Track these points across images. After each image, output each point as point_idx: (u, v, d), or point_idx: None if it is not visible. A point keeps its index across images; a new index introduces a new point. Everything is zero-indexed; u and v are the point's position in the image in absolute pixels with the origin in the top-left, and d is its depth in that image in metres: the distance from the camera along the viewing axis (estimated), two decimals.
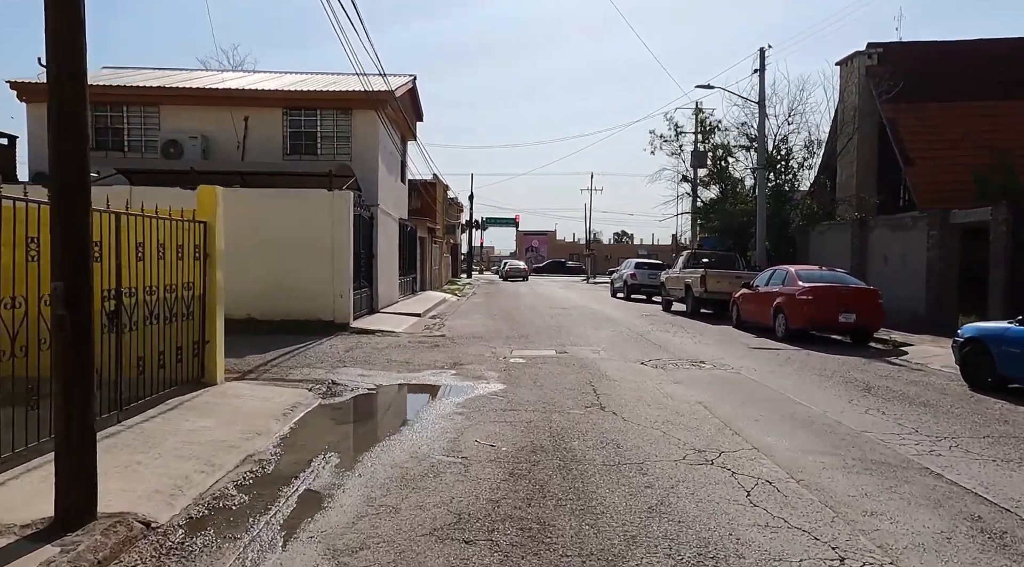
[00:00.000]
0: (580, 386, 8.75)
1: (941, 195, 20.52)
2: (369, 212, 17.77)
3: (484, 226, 79.16)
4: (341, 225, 14.44)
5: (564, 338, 14.12)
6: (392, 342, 12.96)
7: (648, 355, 11.73)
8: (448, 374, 9.59)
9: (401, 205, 23.24)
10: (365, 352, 11.50)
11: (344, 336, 13.48)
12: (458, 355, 11.42)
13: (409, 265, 25.56)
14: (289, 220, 14.43)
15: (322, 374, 9.25)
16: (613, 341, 13.76)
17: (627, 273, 29.61)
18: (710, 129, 29.28)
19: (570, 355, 11.59)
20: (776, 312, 14.71)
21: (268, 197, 14.61)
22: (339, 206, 14.44)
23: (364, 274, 17.08)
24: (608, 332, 15.53)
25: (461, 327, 16.20)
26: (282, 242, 14.41)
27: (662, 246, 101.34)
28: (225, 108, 17.52)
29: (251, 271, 14.35)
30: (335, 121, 18.13)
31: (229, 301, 14.86)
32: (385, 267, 19.45)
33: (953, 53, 24.76)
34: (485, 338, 13.95)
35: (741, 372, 10.08)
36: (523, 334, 14.71)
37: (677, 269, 22.50)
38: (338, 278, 14.44)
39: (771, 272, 16.07)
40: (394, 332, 14.47)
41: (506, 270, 54.79)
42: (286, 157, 17.90)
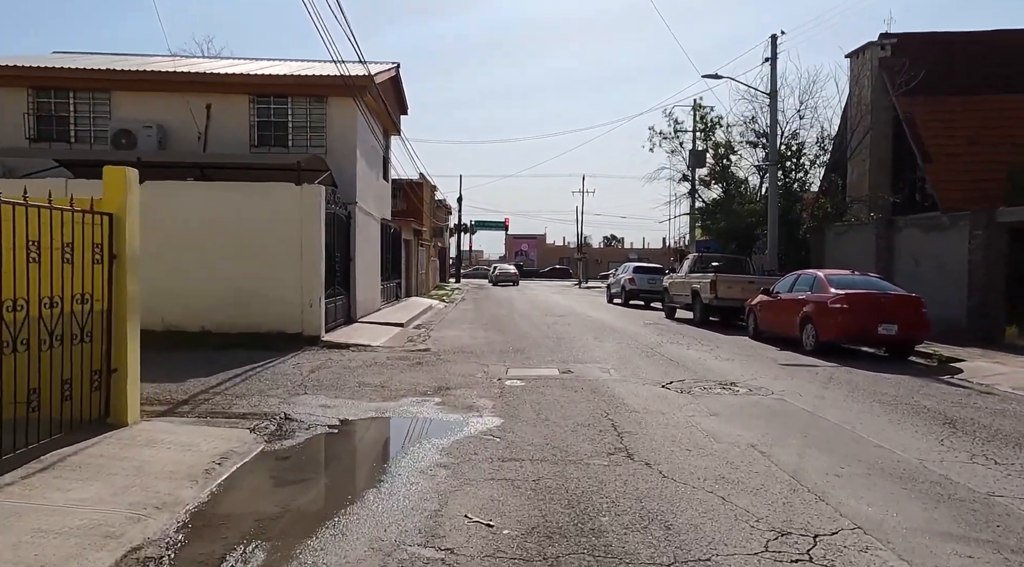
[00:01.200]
0: (595, 420, 7.02)
1: (965, 193, 19.03)
2: (346, 210, 15.98)
3: (473, 229, 77.55)
4: (311, 223, 12.65)
5: (565, 352, 12.39)
6: (368, 359, 11.18)
7: (667, 375, 10.02)
8: (431, 403, 7.83)
9: (383, 205, 21.46)
10: (334, 373, 9.71)
11: (313, 352, 11.68)
12: (444, 376, 9.65)
13: (393, 269, 23.76)
14: (251, 218, 12.63)
15: (274, 405, 7.46)
16: (622, 356, 12.04)
17: (625, 278, 27.97)
18: (711, 126, 27.74)
19: (576, 375, 9.86)
20: (804, 322, 13.05)
21: (226, 191, 12.80)
22: (309, 202, 12.65)
23: (340, 279, 15.28)
24: (613, 344, 13.82)
25: (448, 339, 14.43)
26: (242, 243, 12.60)
27: (653, 250, 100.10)
28: (185, 95, 15.68)
29: (206, 277, 12.55)
30: (308, 110, 16.33)
31: (179, 312, 13.02)
32: (364, 271, 17.65)
33: (971, 44, 23.33)
34: (475, 353, 12.19)
35: (784, 398, 8.39)
36: (518, 347, 12.97)
37: (682, 274, 20.84)
38: (307, 284, 12.65)
39: (795, 277, 14.42)
40: (371, 346, 12.68)
41: (496, 274, 53.08)
42: (253, 149, 16.07)
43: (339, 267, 15.08)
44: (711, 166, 28.73)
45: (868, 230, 18.29)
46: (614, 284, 29.85)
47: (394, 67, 19.67)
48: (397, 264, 24.70)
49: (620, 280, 28.63)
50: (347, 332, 14.22)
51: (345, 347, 12.33)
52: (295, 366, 10.15)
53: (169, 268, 12.41)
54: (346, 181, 16.29)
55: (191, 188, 12.88)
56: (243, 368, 9.71)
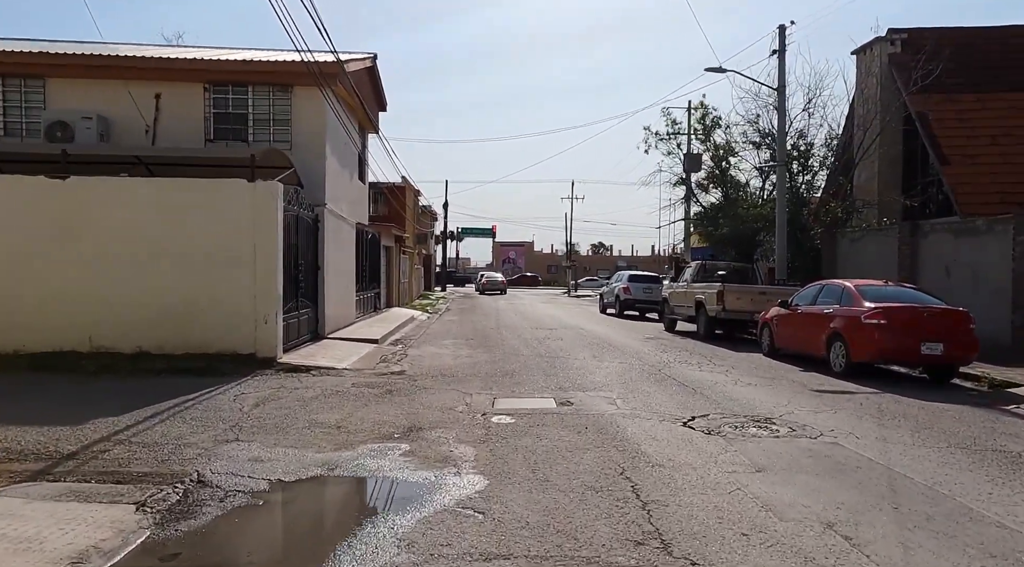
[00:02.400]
0: (609, 480, 5.34)
1: (986, 197, 17.64)
2: (313, 213, 14.25)
3: (460, 236, 75.99)
4: (266, 226, 10.90)
5: (561, 375, 10.71)
6: (329, 386, 9.43)
7: (685, 407, 8.36)
8: (396, 453, 6.11)
9: (359, 208, 19.73)
10: (283, 407, 7.96)
11: (264, 377, 9.91)
12: (418, 410, 7.93)
13: (371, 278, 22.01)
14: (196, 219, 10.87)
15: (189, 459, 5.71)
16: (627, 380, 10.38)
17: (620, 287, 26.37)
18: (711, 126, 26.23)
19: (577, 408, 8.17)
20: (832, 340, 11.45)
21: (167, 189, 11.04)
22: (263, 202, 10.91)
23: (305, 291, 13.53)
24: (615, 364, 12.15)
25: (428, 359, 12.70)
26: (186, 249, 10.85)
27: (642, 257, 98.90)
28: (130, 83, 13.90)
29: (144, 288, 10.79)
30: (271, 101, 14.60)
31: (110, 329, 11.10)
32: (336, 281, 15.90)
33: (985, 39, 22.03)
34: (458, 377, 10.48)
35: (839, 441, 6.74)
36: (507, 370, 11.27)
37: (684, 283, 19.25)
38: (262, 297, 10.89)
39: (818, 288, 12.84)
40: (336, 369, 10.92)
41: (483, 283, 51.38)
42: (209, 144, 14.33)
43: (304, 277, 13.33)
44: (709, 169, 27.23)
45: (889, 236, 16.78)
46: (607, 293, 28.25)
47: (370, 58, 17.99)
48: (375, 272, 22.96)
49: (614, 289, 27.02)
50: (311, 351, 12.46)
51: (305, 371, 10.57)
52: (237, 398, 8.38)
53: (99, 277, 10.65)
54: (314, 180, 14.57)
55: (126, 185, 11.10)
56: (170, 402, 7.94)
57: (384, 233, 24.99)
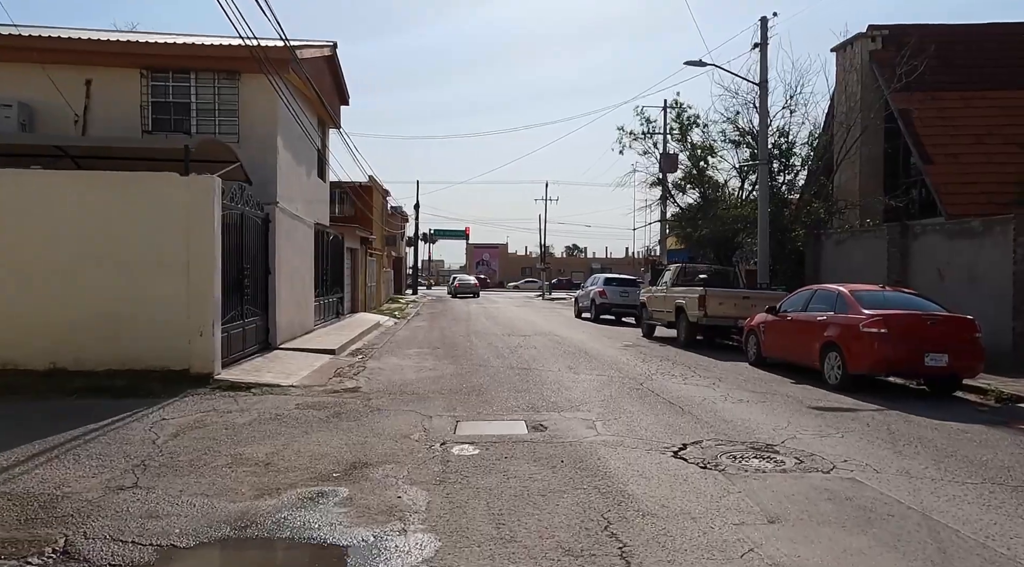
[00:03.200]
0: (591, 543, 4.28)
1: (972, 197, 17.07)
2: (263, 212, 13.02)
3: (433, 239, 74.72)
4: (202, 226, 9.67)
5: (534, 392, 9.66)
6: (268, 409, 8.25)
7: (673, 430, 7.36)
8: (331, 502, 4.99)
9: (319, 208, 18.48)
10: (207, 437, 6.78)
11: (196, 398, 8.69)
12: (365, 440, 6.81)
13: (333, 282, 20.75)
14: (120, 217, 9.61)
15: (64, 515, 4.53)
16: (607, 397, 9.35)
17: (595, 291, 25.43)
18: (687, 125, 25.44)
19: (551, 434, 7.12)
20: (826, 350, 10.57)
21: (86, 184, 9.75)
22: (198, 198, 9.68)
23: (253, 298, 12.30)
24: (593, 377, 11.14)
25: (387, 372, 11.55)
26: (109, 252, 9.58)
27: (616, 259, 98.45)
28: (57, 68, 12.56)
29: (59, 296, 9.51)
30: (216, 89, 13.34)
31: (18, 342, 9.79)
32: (290, 286, 14.67)
33: (969, 36, 21.53)
34: (419, 394, 9.37)
35: (856, 476, 5.77)
36: (474, 385, 10.18)
37: (663, 287, 18.34)
38: (196, 305, 9.66)
39: (809, 293, 11.97)
40: (281, 386, 9.72)
41: (455, 286, 50.20)
42: (147, 135, 13.02)
43: (251, 282, 12.10)
44: (686, 169, 26.45)
45: (877, 237, 16.04)
46: (583, 297, 27.30)
47: (328, 46, 16.79)
48: (338, 276, 21.69)
49: (589, 293, 26.08)
50: (257, 365, 11.24)
51: (245, 389, 9.36)
52: (154, 426, 7.17)
53: (6, 283, 9.34)
54: (264, 176, 13.35)
55: (40, 180, 9.78)
56: (71, 433, 6.70)
57: (348, 234, 23.73)
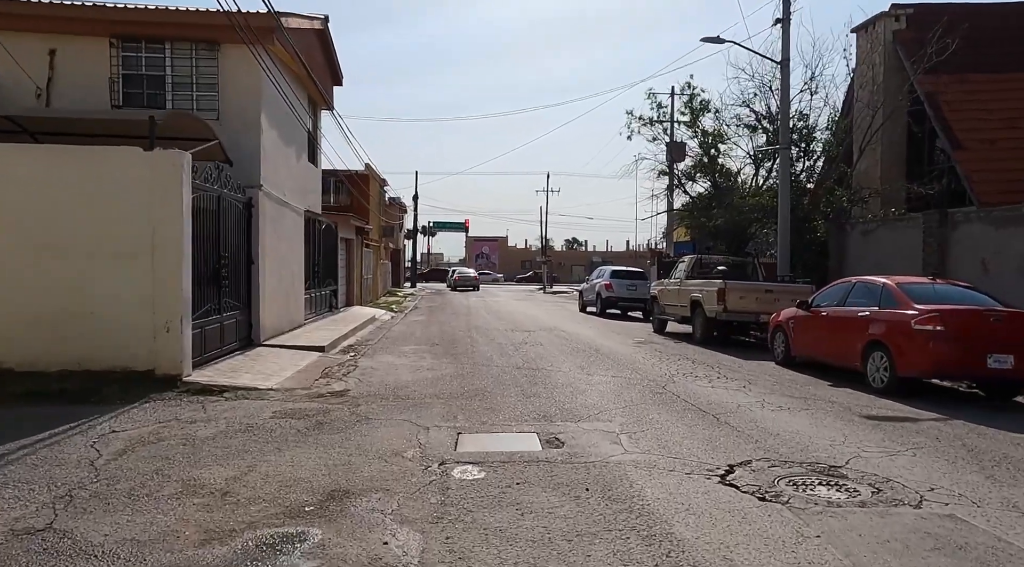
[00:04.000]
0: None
1: (1006, 185, 15.94)
2: (245, 196, 11.88)
3: (432, 231, 73.61)
4: (168, 208, 8.52)
5: (545, 395, 8.54)
6: (240, 418, 7.12)
7: (715, 446, 6.24)
8: (297, 552, 3.86)
9: (310, 194, 17.31)
10: (159, 455, 5.66)
11: (158, 404, 7.56)
12: (349, 459, 5.69)
13: (326, 274, 19.61)
14: (73, 199, 8.47)
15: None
16: (628, 402, 8.24)
17: (601, 284, 24.31)
18: (699, 109, 24.26)
19: (570, 451, 6.00)
20: (870, 349, 9.45)
21: (35, 160, 8.59)
22: (164, 175, 8.53)
23: (233, 290, 11.18)
24: (608, 378, 10.03)
25: (381, 372, 10.43)
26: (63, 238, 8.44)
27: (616, 252, 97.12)
28: (16, 35, 11.39)
29: (6, 289, 8.37)
30: (193, 61, 12.16)
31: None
32: (277, 278, 13.53)
33: (998, 16, 20.37)
34: (414, 399, 8.25)
35: (954, 509, 4.66)
36: (477, 388, 9.07)
37: (676, 280, 17.21)
38: (163, 298, 8.52)
39: (847, 286, 10.84)
40: (259, 390, 8.59)
41: (455, 279, 49.04)
42: (116, 110, 11.85)
43: (230, 272, 10.97)
44: (697, 157, 25.30)
45: (910, 226, 14.92)
46: (588, 291, 26.19)
47: (320, 19, 15.60)
48: (332, 267, 20.55)
49: (595, 286, 24.96)
50: (235, 365, 10.11)
51: (217, 393, 8.24)
52: (98, 441, 6.04)
53: None
54: (247, 158, 12.19)
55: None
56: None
57: (343, 224, 22.57)
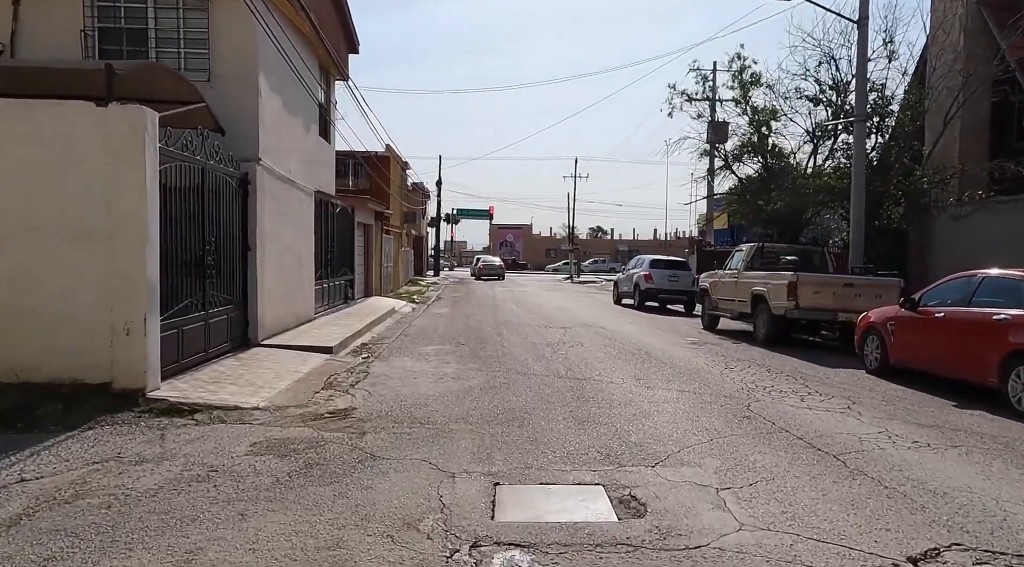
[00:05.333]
0: None
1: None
2: (238, 170, 10.13)
3: (456, 219, 71.80)
4: (128, 177, 6.75)
5: (602, 420, 6.67)
6: (203, 456, 5.35)
7: (867, 517, 4.31)
8: None
9: (321, 172, 15.54)
10: (59, 530, 3.89)
11: (104, 432, 5.83)
12: (340, 537, 3.85)
13: (340, 262, 17.89)
14: (6, 166, 6.74)
15: None
16: (712, 432, 6.32)
17: (640, 274, 22.29)
18: (749, 83, 22.01)
19: (657, 523, 4.11)
20: (1015, 362, 7.42)
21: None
22: (122, 137, 6.75)
23: (224, 281, 9.45)
24: (673, 393, 8.11)
25: (396, 383, 8.62)
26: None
27: (643, 241, 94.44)
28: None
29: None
30: (180, 13, 10.40)
31: None
32: (279, 267, 11.78)
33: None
34: (436, 423, 6.43)
35: None
36: (514, 406, 7.21)
37: (732, 271, 15.17)
38: (122, 292, 6.78)
39: (971, 282, 8.73)
40: (241, 409, 6.81)
41: (479, 267, 47.20)
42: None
43: (218, 260, 9.24)
44: (744, 136, 23.07)
45: (1018, 208, 12.69)
46: (624, 281, 24.19)
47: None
48: (347, 255, 18.82)
49: (632, 277, 22.95)
50: (221, 372, 8.37)
51: (187, 413, 6.49)
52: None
53: None
54: (242, 126, 10.43)
55: None
56: None
57: (360, 208, 20.82)
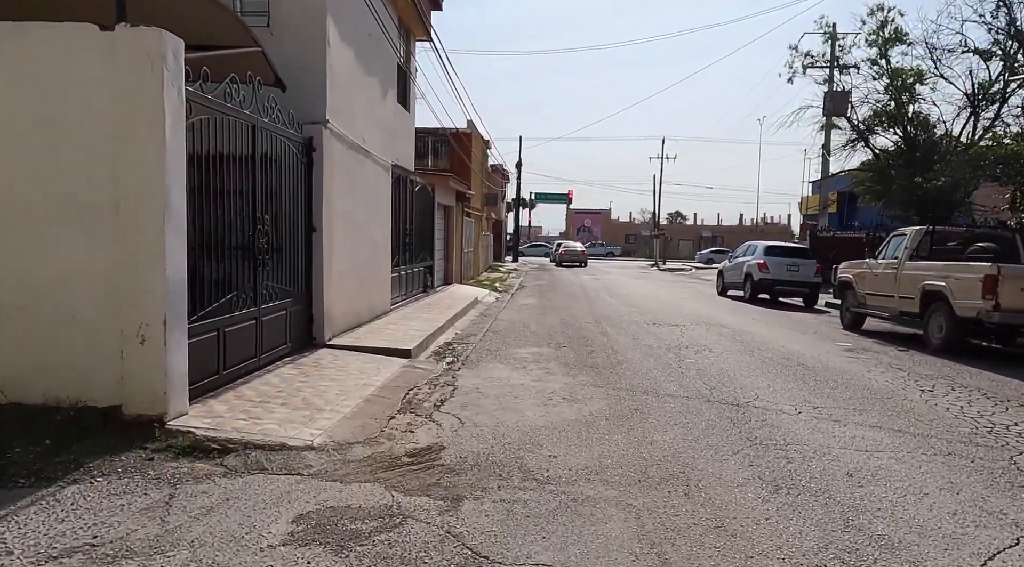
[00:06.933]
0: None
1: None
2: (301, 134, 8.32)
3: (532, 203, 69.63)
4: (140, 127, 4.96)
5: (800, 479, 4.43)
6: (222, 543, 3.46)
7: None
8: None
9: (400, 145, 13.69)
10: None
11: (91, 493, 4.04)
12: None
13: (420, 247, 16.11)
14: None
15: None
16: (1001, 518, 4.00)
17: (752, 263, 19.57)
18: (888, 40, 18.81)
19: None
20: None
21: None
22: (132, 71, 4.95)
23: (282, 268, 7.69)
24: (880, 435, 5.76)
25: (491, 403, 6.60)
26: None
27: (728, 227, 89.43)
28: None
29: None
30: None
31: None
32: (351, 251, 9.99)
33: None
34: (558, 483, 4.36)
35: None
36: (659, 452, 5.06)
37: (891, 261, 12.40)
38: (132, 287, 5.02)
39: None
40: (289, 447, 4.92)
41: (559, 253, 44.99)
42: None
43: (273, 242, 7.47)
44: (877, 105, 19.86)
45: None
46: (730, 270, 21.49)
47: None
48: (427, 239, 17.04)
49: (743, 265, 20.24)
50: (273, 386, 6.58)
51: (216, 456, 4.66)
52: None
53: None
54: (307, 83, 8.62)
55: None
56: None
57: (440, 187, 18.99)
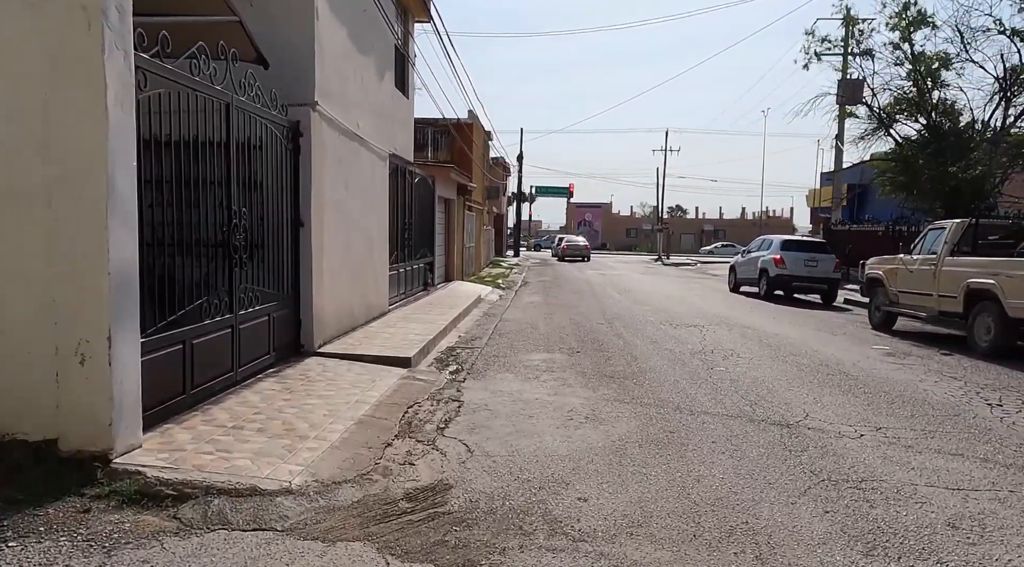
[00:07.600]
0: None
1: None
2: (286, 117, 7.39)
3: (533, 197, 68.66)
4: (75, 95, 4.04)
5: (894, 538, 3.55)
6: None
7: None
8: None
9: (397, 132, 12.74)
10: None
11: (10, 556, 3.17)
12: None
13: (420, 242, 15.19)
14: None
15: None
16: None
17: (768, 257, 18.67)
18: (912, 22, 17.88)
19: None
20: None
21: None
22: (65, 29, 4.03)
23: (265, 268, 6.78)
24: (966, 466, 4.87)
25: (503, 424, 5.69)
26: None
27: (730, 221, 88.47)
28: None
29: None
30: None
31: None
32: (344, 248, 9.07)
33: None
34: (594, 537, 3.46)
35: None
36: (711, 494, 4.16)
37: (929, 256, 11.49)
38: (70, 294, 4.11)
39: None
40: (262, 491, 3.99)
41: (562, 248, 44.08)
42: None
43: (251, 238, 6.56)
44: (898, 92, 18.97)
45: None
46: (744, 265, 20.59)
47: None
48: (427, 233, 16.12)
49: (757, 260, 19.33)
50: (254, 404, 5.68)
51: (171, 501, 3.76)
52: None
53: None
54: (293, 61, 7.70)
55: None
56: None
57: (441, 179, 18.06)
